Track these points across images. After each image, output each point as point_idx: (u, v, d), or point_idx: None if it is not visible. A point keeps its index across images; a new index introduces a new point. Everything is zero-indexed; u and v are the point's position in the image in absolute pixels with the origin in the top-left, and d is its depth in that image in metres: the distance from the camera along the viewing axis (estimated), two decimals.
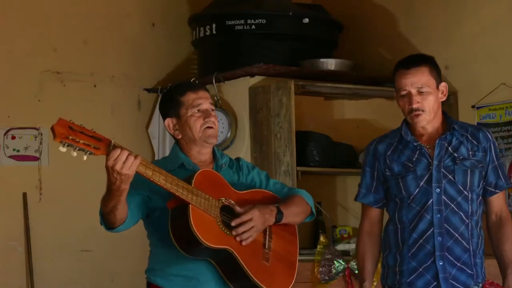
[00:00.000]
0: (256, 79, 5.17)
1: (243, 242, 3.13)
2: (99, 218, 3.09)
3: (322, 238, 4.76)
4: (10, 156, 5.28)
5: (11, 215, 5.24)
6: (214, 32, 5.36)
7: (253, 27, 5.28)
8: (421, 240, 3.33)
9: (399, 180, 3.39)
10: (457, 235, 3.32)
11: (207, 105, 3.28)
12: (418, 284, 3.33)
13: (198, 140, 3.26)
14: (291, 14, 5.33)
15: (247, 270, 3.12)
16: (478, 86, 5.04)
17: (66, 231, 5.32)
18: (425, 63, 3.38)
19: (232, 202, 3.19)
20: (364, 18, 5.76)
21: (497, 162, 3.43)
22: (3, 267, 5.20)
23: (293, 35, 5.36)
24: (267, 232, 3.26)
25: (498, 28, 5.02)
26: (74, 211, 5.31)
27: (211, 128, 3.26)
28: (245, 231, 3.13)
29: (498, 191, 3.43)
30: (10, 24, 5.30)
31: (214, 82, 5.17)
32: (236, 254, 3.10)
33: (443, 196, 3.32)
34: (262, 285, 3.15)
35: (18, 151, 5.30)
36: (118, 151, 2.86)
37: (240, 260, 3.10)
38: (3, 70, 5.27)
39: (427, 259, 3.33)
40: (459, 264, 3.32)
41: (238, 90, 5.20)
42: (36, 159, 5.32)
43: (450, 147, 3.37)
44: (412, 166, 3.37)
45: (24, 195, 5.27)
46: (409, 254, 3.35)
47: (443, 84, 3.42)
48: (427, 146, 3.39)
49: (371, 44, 5.70)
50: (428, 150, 3.38)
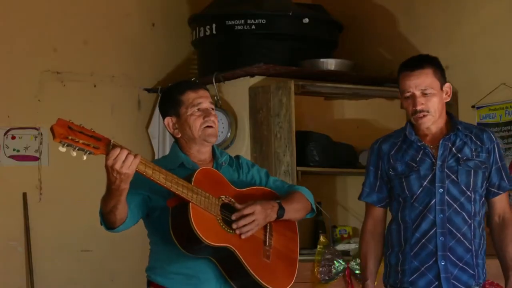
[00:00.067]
0: (256, 79, 5.17)
1: (243, 236, 3.12)
2: (99, 218, 3.08)
3: (322, 238, 4.75)
4: (10, 156, 5.27)
5: (11, 215, 5.24)
6: (214, 32, 5.36)
7: (253, 27, 5.28)
8: (423, 240, 3.33)
9: (403, 180, 3.39)
10: (459, 235, 3.32)
11: (207, 104, 3.27)
12: (420, 283, 3.33)
13: (197, 139, 3.25)
14: (291, 14, 5.32)
15: (248, 267, 3.11)
16: (478, 86, 5.04)
17: (66, 231, 5.32)
18: (429, 64, 3.37)
19: (232, 200, 3.18)
20: (364, 18, 5.76)
21: (500, 164, 3.42)
22: (3, 267, 5.20)
23: (293, 35, 5.36)
24: (267, 230, 3.25)
25: (498, 28, 5.01)
26: (74, 211, 5.30)
27: (211, 127, 3.24)
28: (245, 224, 3.12)
29: (501, 192, 3.43)
30: (10, 24, 5.30)
31: (214, 82, 5.17)
32: (237, 252, 3.09)
33: (446, 196, 3.32)
34: (263, 282, 3.14)
35: (18, 151, 5.29)
36: (118, 150, 2.86)
37: (241, 257, 3.10)
38: (3, 70, 5.27)
39: (429, 258, 3.32)
40: (461, 264, 3.32)
41: (238, 90, 5.20)
42: (36, 159, 5.32)
43: (454, 148, 3.37)
44: (416, 166, 3.37)
45: (24, 195, 5.27)
46: (411, 254, 3.35)
47: (447, 84, 3.41)
48: (431, 146, 3.39)
49: (371, 44, 5.70)
50: (432, 150, 3.38)
